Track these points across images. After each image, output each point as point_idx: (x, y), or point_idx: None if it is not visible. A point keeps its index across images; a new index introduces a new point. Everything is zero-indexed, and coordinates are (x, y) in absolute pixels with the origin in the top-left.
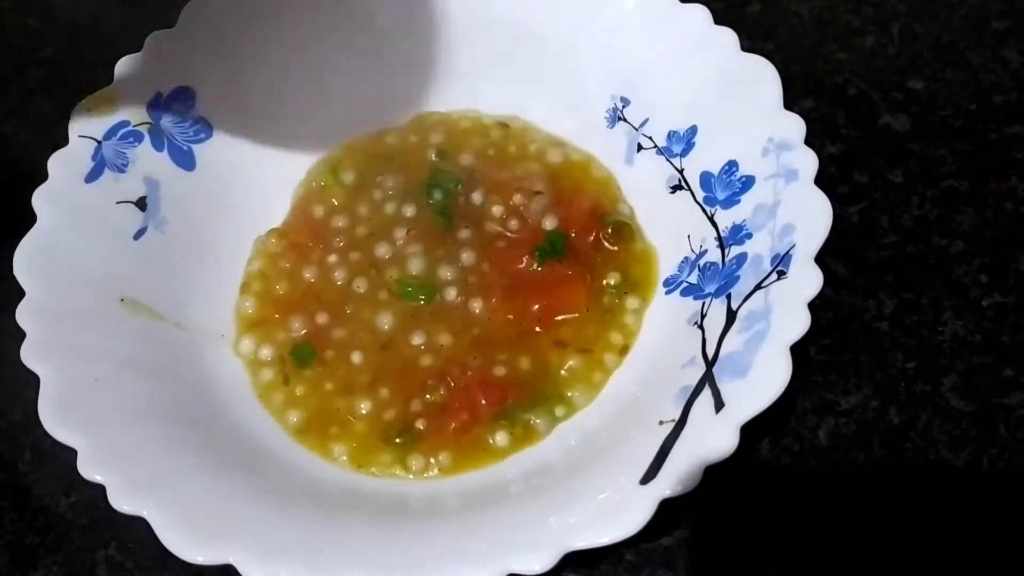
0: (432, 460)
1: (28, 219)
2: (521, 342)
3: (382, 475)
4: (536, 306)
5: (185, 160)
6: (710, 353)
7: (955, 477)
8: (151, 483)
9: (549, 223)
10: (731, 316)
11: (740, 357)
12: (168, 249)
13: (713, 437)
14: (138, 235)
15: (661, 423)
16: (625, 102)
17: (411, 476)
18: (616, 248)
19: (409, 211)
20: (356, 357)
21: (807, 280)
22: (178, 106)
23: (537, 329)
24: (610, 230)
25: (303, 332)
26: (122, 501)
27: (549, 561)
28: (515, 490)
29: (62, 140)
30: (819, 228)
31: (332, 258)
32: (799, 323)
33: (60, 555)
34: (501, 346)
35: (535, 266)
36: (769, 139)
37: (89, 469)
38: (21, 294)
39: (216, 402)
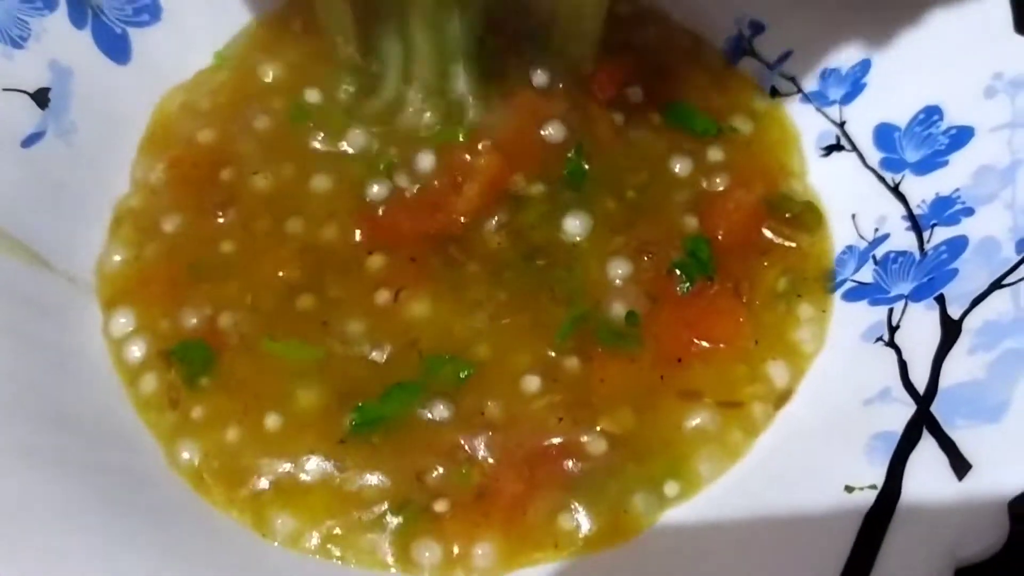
0: (455, 550)
1: None
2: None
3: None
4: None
5: (116, 47)
6: (919, 383)
7: None
8: None
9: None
10: (951, 328)
11: (982, 389)
12: (71, 169)
13: (964, 516)
14: (29, 141)
15: (850, 490)
16: (756, 28)
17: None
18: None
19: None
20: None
21: None
22: None
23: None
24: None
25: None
26: None
27: None
28: None
29: None
30: None
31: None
32: None
33: None
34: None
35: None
36: (996, 74)
37: None
38: None
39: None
